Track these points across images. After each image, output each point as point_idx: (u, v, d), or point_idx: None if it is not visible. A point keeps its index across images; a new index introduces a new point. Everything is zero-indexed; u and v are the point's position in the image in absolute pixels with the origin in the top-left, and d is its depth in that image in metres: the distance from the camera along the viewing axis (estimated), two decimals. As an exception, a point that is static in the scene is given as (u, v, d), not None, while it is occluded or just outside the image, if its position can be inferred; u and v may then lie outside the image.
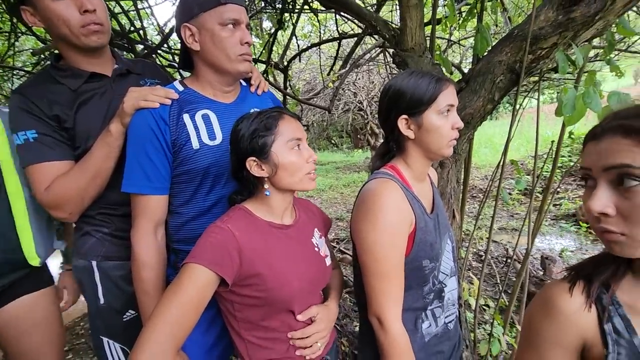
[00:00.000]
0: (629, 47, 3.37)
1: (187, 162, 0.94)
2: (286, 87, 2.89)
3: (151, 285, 0.92)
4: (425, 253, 0.88)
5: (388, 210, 0.82)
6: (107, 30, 1.03)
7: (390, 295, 0.84)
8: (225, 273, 0.75)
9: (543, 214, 1.56)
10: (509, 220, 4.59)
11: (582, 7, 1.09)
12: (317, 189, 7.34)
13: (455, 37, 3.45)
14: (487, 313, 2.40)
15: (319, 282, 0.92)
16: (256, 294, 0.80)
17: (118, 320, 1.11)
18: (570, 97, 1.10)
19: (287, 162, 0.82)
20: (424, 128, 0.86)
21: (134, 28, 2.29)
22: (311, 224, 0.98)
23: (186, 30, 0.93)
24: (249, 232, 0.81)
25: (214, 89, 1.00)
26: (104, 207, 1.06)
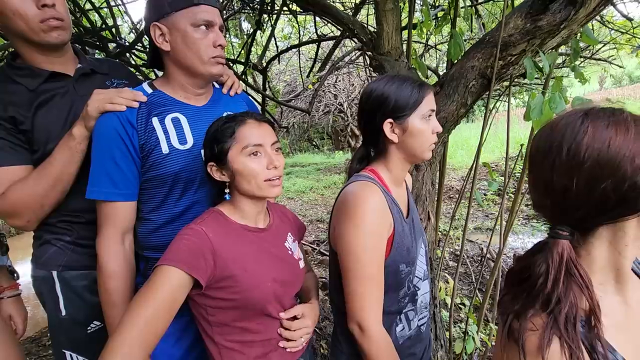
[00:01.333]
0: (593, 55, 3.55)
1: (156, 167, 0.91)
2: (265, 88, 2.87)
3: (118, 296, 0.89)
4: (402, 257, 0.89)
5: (371, 213, 0.82)
6: (68, 26, 0.98)
7: (372, 299, 0.84)
8: (199, 275, 0.74)
9: (514, 214, 1.62)
10: (484, 220, 4.73)
11: (548, 16, 1.14)
12: (298, 190, 7.32)
13: (432, 41, 3.53)
14: (462, 312, 2.46)
15: (292, 284, 0.92)
16: (230, 296, 0.80)
17: (82, 333, 1.05)
18: (537, 102, 1.15)
19: (242, 168, 0.82)
20: (409, 132, 0.88)
21: (105, 26, 2.21)
22: (285, 229, 0.97)
23: (156, 30, 0.90)
24: (222, 234, 0.81)
25: (185, 91, 0.97)
26: (65, 214, 1.01)
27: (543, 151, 0.56)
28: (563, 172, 0.53)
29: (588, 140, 0.51)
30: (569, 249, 0.53)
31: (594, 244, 0.55)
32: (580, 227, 0.55)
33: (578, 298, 0.51)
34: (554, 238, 0.55)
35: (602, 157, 0.50)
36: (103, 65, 1.13)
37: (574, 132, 0.52)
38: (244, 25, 3.69)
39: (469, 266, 3.15)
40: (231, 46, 3.36)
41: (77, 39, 2.01)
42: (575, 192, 0.52)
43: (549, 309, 0.51)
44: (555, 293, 0.52)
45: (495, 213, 4.88)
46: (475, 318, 1.73)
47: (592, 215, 0.53)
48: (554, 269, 0.53)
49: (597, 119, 0.52)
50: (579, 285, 0.52)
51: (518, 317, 0.53)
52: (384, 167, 0.93)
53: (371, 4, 2.68)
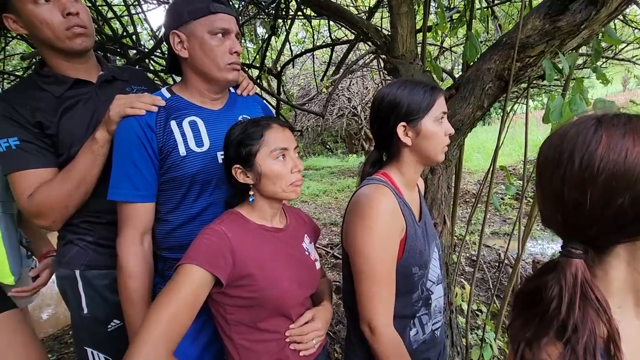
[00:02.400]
0: (616, 55, 3.44)
1: (174, 169, 0.94)
2: (280, 92, 2.90)
3: (137, 295, 0.91)
4: (414, 260, 0.89)
5: (383, 215, 0.83)
6: (90, 34, 1.02)
7: (383, 300, 0.84)
8: (220, 273, 0.76)
9: (533, 218, 1.58)
10: (502, 225, 4.62)
11: (568, 17, 1.12)
12: (312, 194, 7.33)
13: (447, 43, 3.49)
14: (479, 318, 2.41)
15: (309, 284, 0.92)
16: (248, 294, 0.81)
17: (103, 331, 1.09)
18: (557, 104, 1.12)
19: (270, 171, 0.84)
20: (422, 135, 0.88)
21: (126, 33, 2.28)
22: (302, 230, 0.99)
23: (175, 37, 0.93)
24: (241, 234, 0.83)
25: (202, 96, 1.00)
26: (88, 215, 1.05)
27: (552, 162, 0.51)
28: (575, 186, 0.48)
29: (602, 151, 0.46)
30: (584, 269, 0.49)
31: (611, 264, 0.51)
32: (595, 245, 0.51)
33: (595, 324, 0.47)
34: (567, 257, 0.50)
35: (618, 169, 0.45)
36: (123, 72, 1.18)
37: (586, 142, 0.48)
38: (259, 31, 3.74)
39: (486, 272, 3.08)
40: (246, 51, 3.41)
41: (100, 46, 2.08)
42: (589, 207, 0.48)
43: (565, 338, 0.47)
44: (571, 319, 0.47)
45: (513, 218, 4.76)
46: (493, 325, 1.69)
47: (607, 233, 0.49)
48: (568, 292, 0.48)
49: (612, 127, 0.48)
50: (596, 309, 0.47)
51: (530, 346, 0.49)
52: (397, 170, 0.94)
53: (385, 7, 2.68)
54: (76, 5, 0.97)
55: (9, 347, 1.10)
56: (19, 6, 0.94)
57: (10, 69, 3.62)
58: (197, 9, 0.91)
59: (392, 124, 0.89)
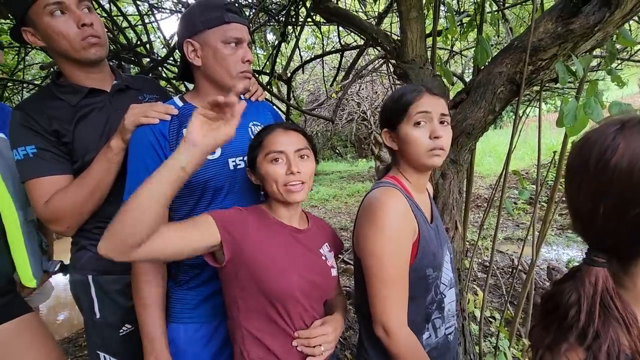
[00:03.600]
0: (631, 56, 3.37)
1: None
2: (290, 98, 2.92)
3: (151, 300, 0.93)
4: (428, 262, 0.89)
5: (394, 217, 0.84)
6: (104, 44, 1.05)
7: (395, 302, 0.84)
8: (223, 234, 0.80)
9: (547, 223, 1.55)
10: (515, 230, 4.54)
11: (581, 19, 1.10)
12: (321, 198, 7.33)
13: (457, 47, 3.48)
14: (492, 325, 2.36)
15: (321, 287, 0.93)
16: (258, 282, 0.84)
17: (114, 335, 1.10)
18: (571, 108, 1.11)
19: (265, 173, 0.89)
20: (402, 140, 0.91)
21: (140, 42, 2.34)
22: (322, 238, 1.00)
23: (189, 46, 0.96)
24: (259, 224, 0.89)
25: None
26: (101, 221, 1.07)
27: (571, 168, 0.50)
28: (589, 195, 0.47)
29: (617, 160, 0.44)
30: (605, 278, 0.48)
31: (638, 274, 0.49)
32: (618, 255, 0.49)
33: (619, 333, 0.46)
34: (588, 265, 0.49)
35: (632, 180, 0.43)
36: (136, 81, 1.21)
37: (602, 150, 0.46)
38: (269, 37, 3.79)
39: (499, 278, 3.02)
40: (257, 57, 3.45)
41: (115, 55, 2.14)
42: (602, 217, 0.46)
43: (587, 344, 0.46)
44: (592, 327, 0.46)
45: (527, 222, 4.67)
46: (507, 332, 1.66)
47: (626, 244, 0.47)
48: (587, 300, 0.47)
49: (633, 134, 0.45)
50: (617, 320, 0.46)
51: (551, 352, 0.48)
52: (401, 174, 0.96)
53: (395, 12, 2.69)
54: (90, 16, 1.01)
55: (30, 347, 1.13)
56: (37, 19, 0.97)
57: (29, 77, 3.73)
58: (212, 18, 0.93)
59: (381, 132, 0.94)
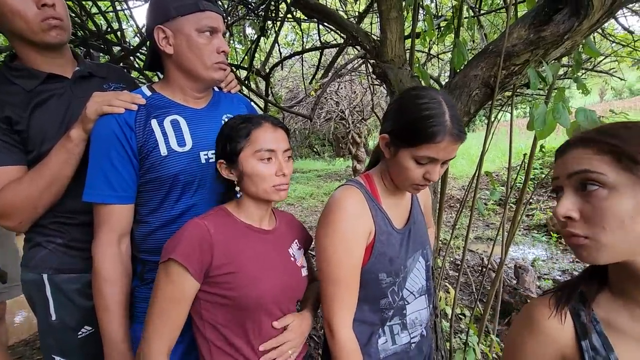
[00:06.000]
0: (594, 67, 3.57)
1: (154, 170, 0.91)
2: (267, 94, 2.88)
3: (113, 301, 0.88)
4: (382, 266, 0.87)
5: (346, 217, 0.83)
6: (66, 27, 0.98)
7: (341, 302, 0.84)
8: (191, 265, 0.75)
9: (516, 224, 1.60)
10: (485, 229, 4.71)
11: (552, 27, 1.14)
12: (298, 196, 7.31)
13: (434, 51, 3.55)
14: (463, 322, 2.43)
15: (292, 290, 0.90)
16: (226, 292, 0.80)
17: (72, 338, 1.03)
18: (541, 112, 1.15)
19: (252, 172, 0.82)
20: (398, 161, 0.82)
21: (111, 29, 2.22)
22: (291, 236, 0.97)
23: (160, 33, 0.91)
24: (224, 230, 0.82)
25: (184, 94, 0.98)
26: (59, 215, 1.00)
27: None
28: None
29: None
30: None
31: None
32: None
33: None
34: None
35: None
36: (101, 69, 1.14)
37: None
38: (247, 31, 3.72)
39: (469, 276, 3.12)
40: (235, 51, 3.38)
41: (83, 42, 2.02)
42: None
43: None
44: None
45: (496, 223, 4.85)
46: (476, 329, 1.71)
47: None
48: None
49: None
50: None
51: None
52: (379, 175, 0.93)
53: (375, 12, 2.70)
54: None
55: None
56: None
57: (-14, 62, 3.47)
58: (185, 4, 0.89)
59: (383, 130, 0.86)
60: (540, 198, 5.44)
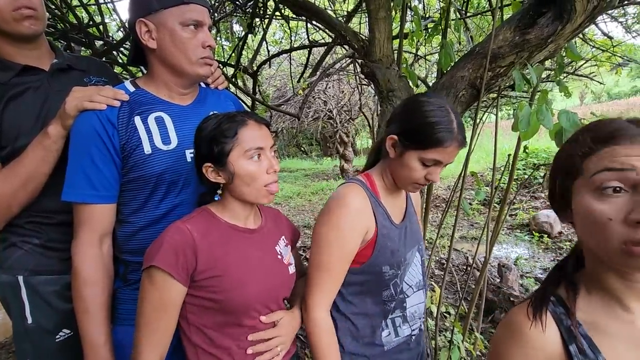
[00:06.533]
0: (575, 70, 3.66)
1: (138, 168, 0.88)
2: (255, 92, 2.85)
3: (94, 303, 0.85)
4: (385, 259, 0.91)
5: (346, 211, 0.86)
6: (41, 17, 0.94)
7: (322, 286, 0.88)
8: (177, 272, 0.74)
9: (500, 223, 1.63)
10: (469, 229, 4.78)
11: (536, 30, 1.16)
12: (285, 196, 7.28)
13: (422, 52, 3.59)
14: (447, 320, 2.47)
15: (279, 289, 0.90)
16: (211, 296, 0.78)
17: (49, 342, 0.99)
18: (525, 114, 1.17)
19: (244, 172, 0.80)
20: (403, 161, 0.86)
21: (93, 22, 2.16)
22: (278, 232, 0.96)
23: (142, 26, 0.88)
24: (208, 233, 0.80)
25: (169, 90, 0.95)
26: (35, 215, 0.96)
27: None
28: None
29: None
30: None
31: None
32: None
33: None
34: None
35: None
36: (81, 62, 1.10)
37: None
38: (235, 28, 3.67)
39: (454, 275, 3.16)
40: (222, 48, 3.34)
41: (63, 35, 1.96)
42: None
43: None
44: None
45: (480, 222, 4.94)
46: (461, 327, 1.73)
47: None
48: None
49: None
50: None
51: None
52: (381, 173, 0.96)
53: (363, 12, 2.71)
54: None
55: None
56: None
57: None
58: None
59: (390, 131, 0.89)
60: (522, 198, 5.56)
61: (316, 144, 13.72)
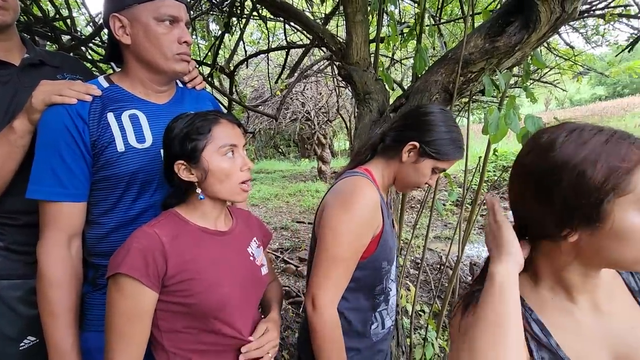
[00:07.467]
0: (541, 78, 3.86)
1: (110, 167, 0.85)
2: (232, 92, 2.81)
3: (60, 306, 0.80)
4: (385, 255, 0.94)
5: (366, 205, 0.86)
6: (10, 8, 0.90)
7: (334, 280, 0.86)
8: (148, 279, 0.71)
9: (471, 223, 1.69)
10: (443, 229, 4.92)
11: (504, 38, 1.22)
12: (263, 197, 7.21)
13: (398, 56, 3.67)
14: (422, 318, 2.53)
15: (252, 290, 0.89)
16: (184, 300, 0.76)
17: (13, 350, 0.94)
18: (494, 118, 1.22)
19: (218, 168, 0.79)
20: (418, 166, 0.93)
21: (59, 16, 2.06)
22: (249, 234, 0.95)
23: (116, 21, 0.85)
24: (177, 236, 0.78)
25: (145, 87, 0.93)
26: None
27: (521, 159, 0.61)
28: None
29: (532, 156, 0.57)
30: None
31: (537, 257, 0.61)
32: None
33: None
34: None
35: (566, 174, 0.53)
36: (54, 57, 1.05)
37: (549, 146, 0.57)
38: (212, 27, 3.61)
39: (428, 274, 3.24)
40: (197, 47, 3.27)
41: (26, 28, 1.86)
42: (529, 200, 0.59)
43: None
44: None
45: (453, 222, 5.09)
46: (435, 324, 1.78)
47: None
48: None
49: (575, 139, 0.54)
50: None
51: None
52: (381, 171, 0.98)
53: (341, 15, 2.74)
54: None
55: None
56: None
57: None
58: None
59: (409, 137, 0.92)
60: (493, 199, 5.78)
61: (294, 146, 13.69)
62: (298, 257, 3.85)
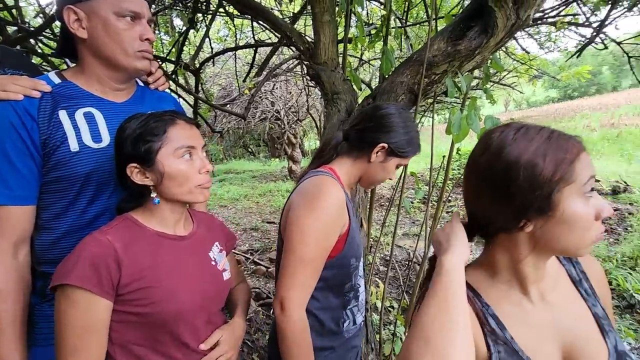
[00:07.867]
0: (500, 80, 4.06)
1: (62, 167, 0.80)
2: (198, 90, 2.73)
3: (6, 320, 0.75)
4: (353, 252, 0.95)
5: (332, 205, 0.86)
6: None
7: (302, 281, 0.85)
8: (101, 289, 0.67)
9: (437, 220, 1.75)
10: (411, 226, 5.06)
11: (465, 42, 1.27)
12: (232, 198, 7.07)
13: (366, 57, 3.72)
14: (391, 314, 2.58)
15: (214, 297, 0.86)
16: (139, 310, 0.72)
17: None
18: (457, 119, 1.27)
19: (174, 171, 0.76)
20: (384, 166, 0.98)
21: (4, 5, 1.90)
22: (211, 238, 0.91)
23: (70, 14, 0.80)
24: (133, 243, 0.74)
25: (102, 84, 0.88)
26: None
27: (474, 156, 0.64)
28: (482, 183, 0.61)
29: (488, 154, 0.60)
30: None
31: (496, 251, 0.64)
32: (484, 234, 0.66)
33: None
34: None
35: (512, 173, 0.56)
36: None
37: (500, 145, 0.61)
38: (176, 22, 3.48)
39: (397, 270, 3.32)
40: (161, 43, 3.15)
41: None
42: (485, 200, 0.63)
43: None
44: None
45: (421, 219, 5.25)
46: (403, 319, 1.82)
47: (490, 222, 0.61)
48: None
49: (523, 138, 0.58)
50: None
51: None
52: (346, 170, 0.99)
53: (309, 14, 2.73)
54: None
55: None
56: None
57: None
58: None
59: (378, 138, 0.95)
60: (457, 196, 6.02)
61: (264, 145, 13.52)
62: (269, 258, 3.81)
